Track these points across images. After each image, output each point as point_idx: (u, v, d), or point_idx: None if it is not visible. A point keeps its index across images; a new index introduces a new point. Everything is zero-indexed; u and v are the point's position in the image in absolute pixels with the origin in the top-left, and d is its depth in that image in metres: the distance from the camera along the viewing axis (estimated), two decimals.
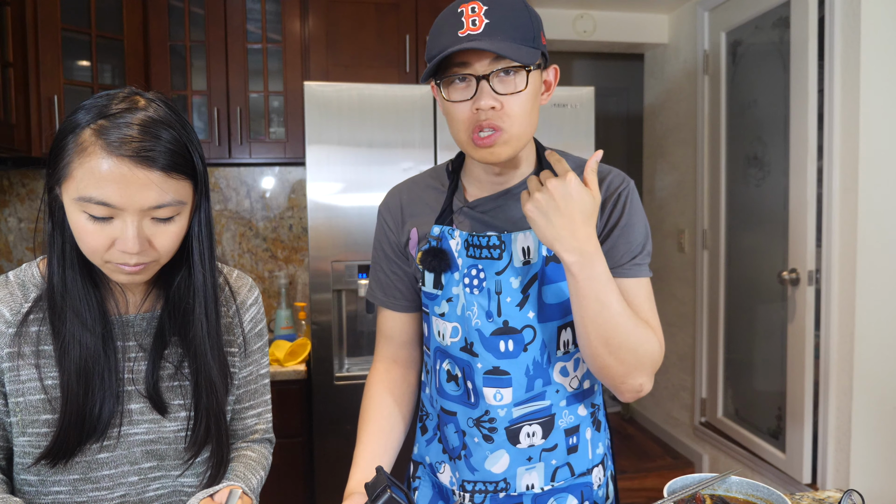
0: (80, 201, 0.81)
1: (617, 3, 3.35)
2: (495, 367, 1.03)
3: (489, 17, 0.91)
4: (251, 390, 1.08)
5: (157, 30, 2.44)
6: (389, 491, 0.86)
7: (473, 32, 0.90)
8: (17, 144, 2.12)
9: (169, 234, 0.86)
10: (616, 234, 1.02)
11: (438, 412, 1.12)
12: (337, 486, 2.22)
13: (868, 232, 2.32)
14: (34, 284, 0.93)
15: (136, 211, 0.82)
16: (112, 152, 0.80)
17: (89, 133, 0.81)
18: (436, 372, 1.11)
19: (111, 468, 0.94)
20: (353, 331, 2.35)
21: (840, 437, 2.44)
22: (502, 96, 0.93)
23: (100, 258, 0.85)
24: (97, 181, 0.80)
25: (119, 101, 0.84)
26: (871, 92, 2.29)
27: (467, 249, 1.04)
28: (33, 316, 0.91)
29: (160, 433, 0.96)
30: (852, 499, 0.99)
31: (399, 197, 1.14)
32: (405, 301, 1.15)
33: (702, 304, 3.31)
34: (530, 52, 0.92)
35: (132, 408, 0.94)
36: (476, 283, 1.03)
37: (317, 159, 2.17)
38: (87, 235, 0.83)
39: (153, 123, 0.83)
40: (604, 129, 4.60)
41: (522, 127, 0.96)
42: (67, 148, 0.82)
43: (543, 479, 1.06)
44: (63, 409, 0.89)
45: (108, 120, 0.81)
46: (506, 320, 1.02)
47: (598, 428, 1.12)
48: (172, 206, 0.85)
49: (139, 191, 0.81)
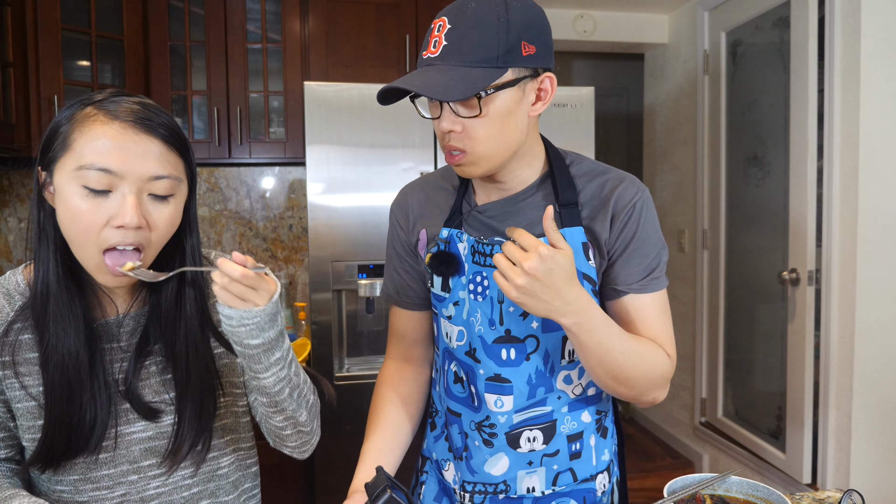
0: (79, 171, 0.80)
1: (617, 3, 3.34)
2: (497, 374, 1.02)
3: (449, 37, 0.88)
4: None
5: (157, 30, 2.44)
6: (389, 491, 0.86)
7: (432, 55, 0.89)
8: (17, 144, 2.12)
9: (165, 214, 0.86)
10: (631, 250, 0.99)
11: (445, 411, 1.12)
12: (337, 486, 2.22)
13: (868, 232, 2.32)
14: (19, 293, 0.92)
15: (136, 180, 0.82)
16: (115, 118, 0.82)
17: (89, 108, 0.83)
18: (444, 372, 1.11)
19: (110, 468, 0.94)
20: (353, 331, 2.35)
21: (840, 437, 2.44)
22: (464, 119, 0.91)
23: (94, 243, 0.83)
24: (99, 147, 0.80)
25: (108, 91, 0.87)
26: (871, 92, 2.29)
27: (473, 255, 1.03)
28: (19, 325, 0.90)
29: (158, 429, 0.96)
30: (852, 499, 0.99)
31: (410, 197, 1.14)
32: (417, 299, 1.15)
33: (702, 304, 3.31)
34: (485, 74, 0.87)
35: (125, 407, 0.94)
36: (480, 290, 1.02)
37: (317, 159, 2.17)
38: (81, 215, 0.81)
39: (148, 104, 0.86)
40: (604, 129, 4.60)
41: (489, 148, 0.93)
42: (62, 127, 0.83)
43: (545, 483, 1.06)
44: (47, 415, 0.88)
45: (105, 100, 0.84)
46: (508, 329, 1.01)
47: (604, 435, 1.10)
48: (171, 179, 0.85)
49: (140, 158, 0.82)
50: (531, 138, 1.00)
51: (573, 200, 1.01)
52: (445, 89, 0.85)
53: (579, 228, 1.00)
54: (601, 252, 1.00)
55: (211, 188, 2.82)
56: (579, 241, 0.99)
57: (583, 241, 1.00)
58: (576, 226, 1.00)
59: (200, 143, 2.49)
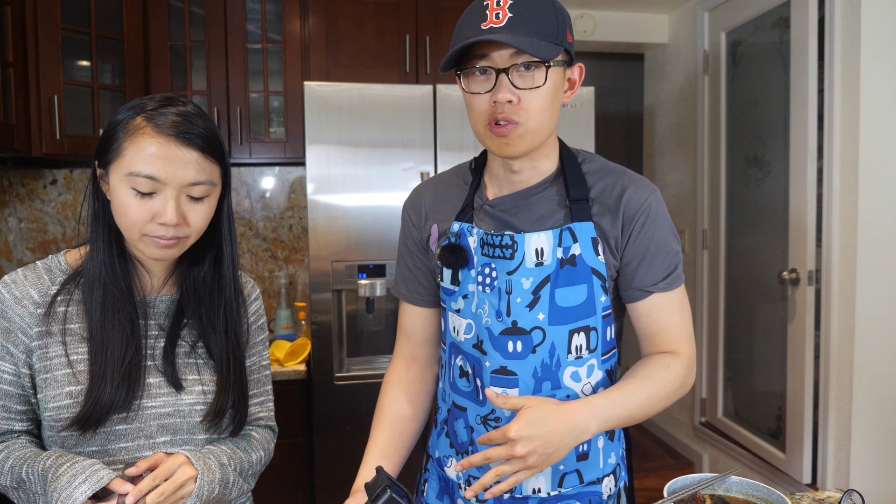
0: (129, 177, 0.94)
1: (617, 3, 3.35)
2: (503, 366, 1.03)
3: (513, 10, 0.91)
4: (254, 380, 1.15)
5: (157, 30, 2.44)
6: (389, 491, 0.86)
7: (496, 25, 0.91)
8: (17, 144, 2.12)
9: (201, 213, 1.00)
10: (652, 252, 1.02)
11: (450, 406, 1.13)
12: (337, 486, 2.22)
13: (868, 232, 2.32)
14: (61, 270, 1.03)
15: (176, 186, 0.95)
16: (159, 133, 0.95)
17: (140, 119, 0.96)
18: (450, 367, 1.12)
19: (128, 441, 1.01)
20: (353, 331, 2.35)
21: (840, 437, 2.44)
22: (520, 90, 0.93)
23: (138, 232, 0.96)
24: (146, 158, 0.94)
25: (158, 99, 0.99)
26: (871, 92, 2.29)
27: (482, 248, 1.04)
28: (61, 297, 1.01)
29: (176, 406, 1.03)
30: (852, 499, 0.99)
31: (423, 194, 1.15)
32: (427, 296, 1.17)
33: (702, 304, 3.31)
34: (552, 47, 0.92)
35: (150, 381, 1.02)
36: (488, 282, 1.04)
37: (317, 159, 2.17)
38: (130, 209, 0.95)
39: (190, 114, 0.98)
40: (604, 129, 4.60)
41: (540, 122, 0.96)
42: (118, 134, 0.96)
43: (550, 484, 1.05)
44: (91, 379, 0.97)
45: (154, 110, 0.97)
46: (514, 320, 1.02)
47: (612, 437, 1.10)
48: (206, 185, 0.98)
49: (181, 168, 0.95)
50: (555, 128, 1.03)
51: (584, 196, 1.03)
52: (535, 48, 0.89)
53: (589, 224, 1.02)
54: (611, 249, 1.02)
55: None
56: (589, 237, 1.01)
57: (592, 237, 1.01)
58: (586, 221, 1.01)
59: None
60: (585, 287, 1.01)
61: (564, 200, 1.03)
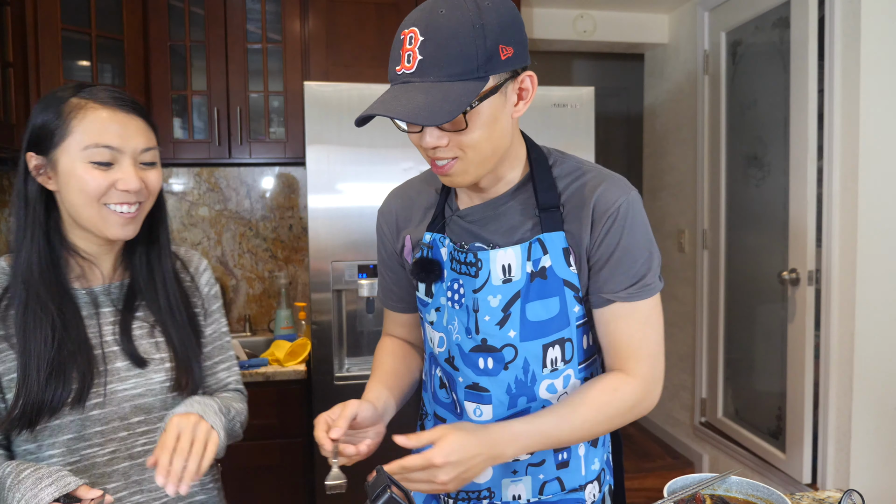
0: (87, 150, 0.97)
1: (617, 3, 3.35)
2: (475, 382, 1.01)
3: (424, 50, 0.82)
4: (218, 346, 1.20)
5: (157, 30, 2.44)
6: (389, 491, 0.85)
7: (407, 71, 0.83)
8: (17, 144, 2.12)
9: (154, 177, 1.05)
10: (617, 257, 0.95)
11: (432, 415, 1.13)
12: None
13: (868, 232, 2.32)
14: (5, 274, 1.04)
15: (131, 153, 1.00)
16: (104, 105, 0.99)
17: (76, 99, 0.99)
18: (431, 377, 1.11)
19: (102, 424, 1.03)
20: (353, 331, 2.35)
21: (840, 437, 2.44)
22: (449, 133, 0.87)
23: (99, 203, 0.99)
24: (100, 128, 0.98)
25: (73, 86, 1.01)
26: (871, 92, 2.29)
27: (451, 263, 1.01)
28: (5, 303, 1.02)
29: (147, 386, 1.06)
30: (852, 499, 0.99)
31: (392, 204, 1.13)
32: (403, 304, 1.17)
33: (702, 304, 3.31)
34: (468, 86, 0.82)
35: (118, 366, 1.05)
36: (457, 298, 1.01)
37: (317, 159, 2.17)
38: (91, 181, 0.98)
39: (115, 88, 1.04)
40: (604, 129, 4.60)
41: (481, 154, 0.89)
42: (59, 118, 0.98)
43: (531, 491, 1.04)
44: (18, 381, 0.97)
45: (83, 90, 1.00)
46: (484, 338, 0.99)
47: (594, 444, 1.07)
48: (153, 150, 1.05)
49: (133, 135, 1.01)
50: (514, 140, 0.97)
51: (554, 203, 0.97)
52: (430, 113, 0.79)
53: (560, 234, 0.96)
54: (580, 258, 0.97)
55: (211, 188, 2.82)
56: (560, 247, 0.96)
57: (563, 247, 0.96)
58: (557, 231, 0.96)
59: (200, 143, 2.49)
60: (557, 299, 0.97)
61: (534, 209, 0.98)
